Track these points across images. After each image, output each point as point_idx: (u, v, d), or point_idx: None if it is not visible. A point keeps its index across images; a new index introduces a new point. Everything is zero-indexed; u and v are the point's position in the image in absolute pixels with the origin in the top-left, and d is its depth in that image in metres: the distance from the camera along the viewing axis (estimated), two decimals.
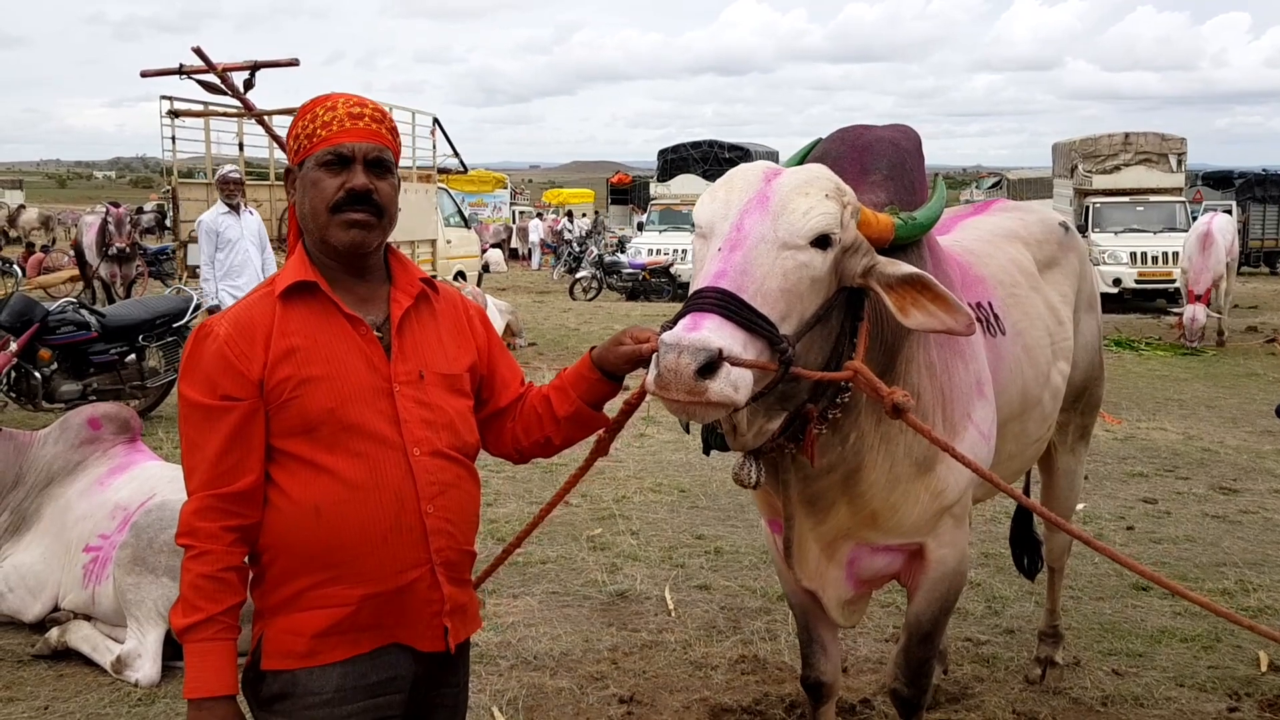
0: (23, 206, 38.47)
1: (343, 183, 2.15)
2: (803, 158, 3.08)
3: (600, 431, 2.52)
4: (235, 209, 9.14)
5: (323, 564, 2.14)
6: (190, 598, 2.09)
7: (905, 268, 2.43)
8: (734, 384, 2.11)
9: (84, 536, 4.56)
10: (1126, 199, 19.91)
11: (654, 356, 2.15)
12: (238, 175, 9.44)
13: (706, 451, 2.83)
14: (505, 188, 39.91)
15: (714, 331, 2.12)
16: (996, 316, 3.15)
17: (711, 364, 2.08)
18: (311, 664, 2.14)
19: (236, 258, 9.10)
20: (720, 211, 2.40)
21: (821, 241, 2.34)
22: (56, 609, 4.63)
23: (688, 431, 2.37)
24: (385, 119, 2.24)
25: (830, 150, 2.86)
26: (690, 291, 2.30)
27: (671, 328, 2.18)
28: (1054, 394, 3.46)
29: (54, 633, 4.48)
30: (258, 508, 2.15)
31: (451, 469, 2.24)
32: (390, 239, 2.30)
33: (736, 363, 2.13)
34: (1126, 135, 20.45)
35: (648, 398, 2.37)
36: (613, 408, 2.49)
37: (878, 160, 2.80)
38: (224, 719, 2.09)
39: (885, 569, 3.00)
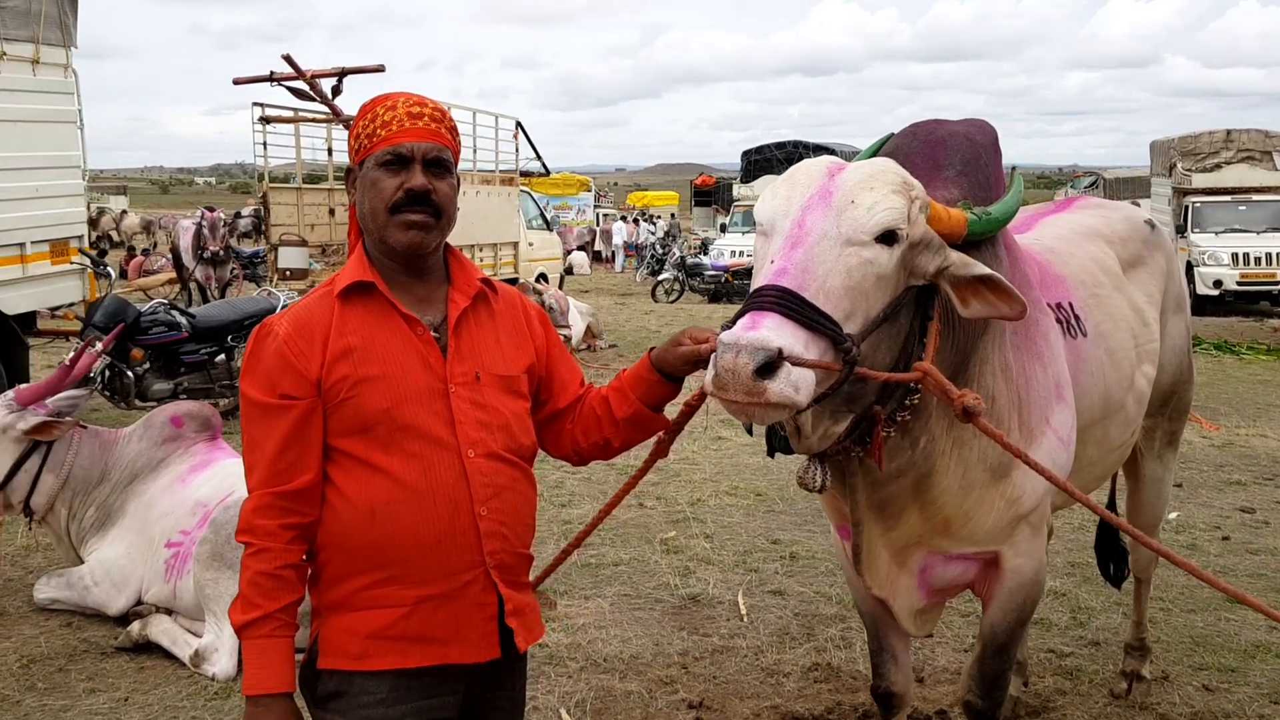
0: (125, 212, 39.81)
1: (401, 183, 2.14)
2: (873, 154, 3.00)
3: (660, 433, 2.48)
4: None
5: (377, 564, 2.13)
6: (249, 595, 2.10)
7: (979, 268, 2.33)
8: (794, 385, 2.04)
9: (166, 532, 4.66)
10: (1228, 198, 19.20)
11: (712, 357, 2.10)
12: None
13: (771, 454, 2.77)
14: (589, 191, 40.08)
15: (773, 330, 2.05)
16: (1077, 317, 3.02)
17: (770, 364, 2.01)
18: (363, 667, 2.14)
19: None
20: (781, 208, 2.33)
21: (887, 238, 2.25)
22: (139, 603, 4.74)
23: (750, 433, 2.32)
24: (445, 118, 2.23)
25: (902, 146, 2.78)
26: (750, 290, 2.24)
27: (731, 327, 2.12)
28: (1138, 398, 3.32)
29: (136, 626, 4.58)
30: (316, 505, 2.15)
31: (506, 471, 2.22)
32: (473, 240, 2.28)
33: (797, 362, 2.06)
34: (1228, 132, 19.73)
35: (709, 399, 2.33)
36: (673, 409, 2.45)
37: (951, 155, 2.70)
38: (281, 716, 2.10)
39: (959, 578, 2.90)
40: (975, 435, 2.63)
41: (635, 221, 35.93)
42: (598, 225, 37.14)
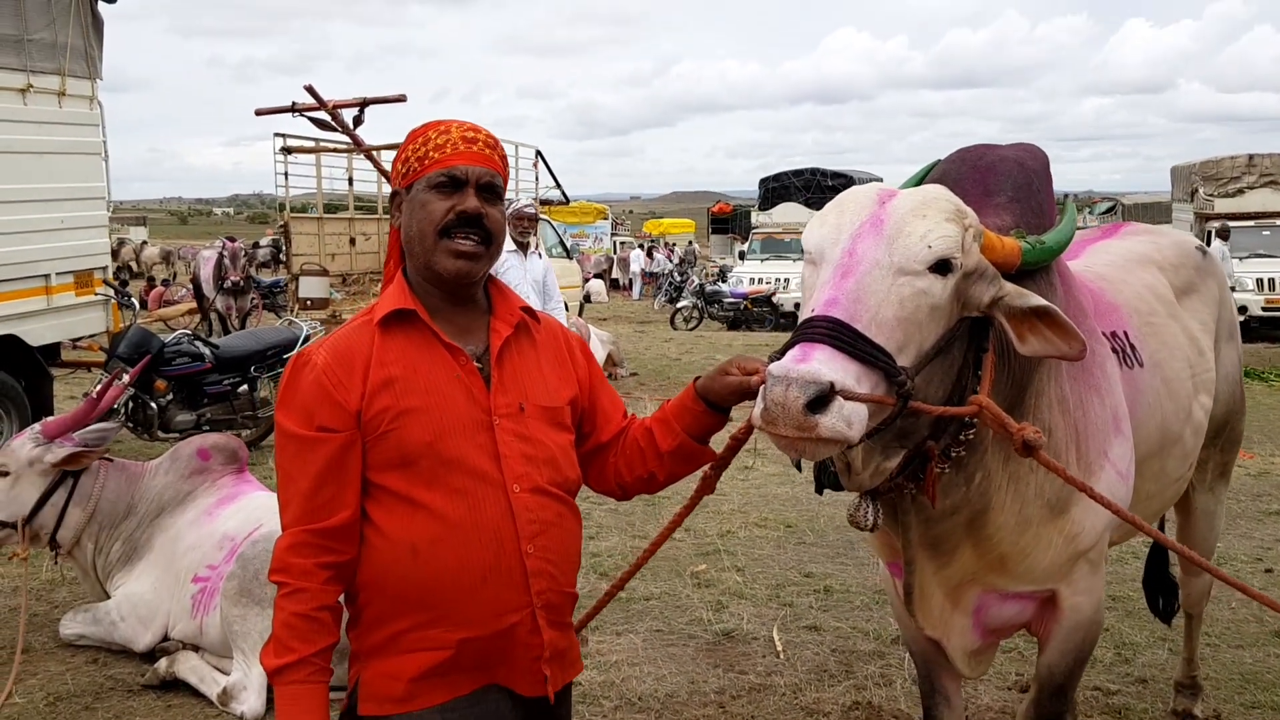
0: (145, 242, 40.07)
1: (453, 205, 2.09)
2: (920, 180, 2.93)
3: (706, 467, 2.41)
4: (524, 248, 7.92)
5: (420, 606, 2.06)
6: (283, 638, 2.03)
7: (1035, 300, 2.25)
8: (847, 419, 1.95)
9: (193, 567, 4.60)
10: (1251, 223, 19.06)
11: (761, 389, 2.02)
12: (533, 210, 8.19)
13: (819, 491, 2.68)
14: (606, 219, 40.16)
15: (825, 363, 1.97)
16: (1133, 347, 2.94)
17: (822, 398, 1.93)
18: (410, 708, 2.07)
19: None
20: (831, 236, 2.26)
21: (941, 267, 2.18)
22: (166, 639, 4.67)
23: (799, 469, 2.25)
24: (497, 147, 2.20)
25: (950, 171, 2.70)
26: (799, 321, 2.17)
27: (780, 358, 2.05)
28: (1195, 430, 3.22)
29: (163, 663, 4.51)
30: (354, 544, 2.08)
31: (553, 506, 2.15)
32: (493, 268, 2.24)
33: (850, 396, 1.97)
34: (1250, 157, 19.60)
35: (755, 432, 2.25)
36: (718, 442, 2.37)
37: (1002, 181, 2.63)
38: None
39: (1015, 618, 2.80)
40: (1032, 470, 2.55)
41: (650, 252, 35.90)
42: (615, 253, 37.17)
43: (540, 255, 8.24)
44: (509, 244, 7.78)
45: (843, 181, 26.12)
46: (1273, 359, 15.65)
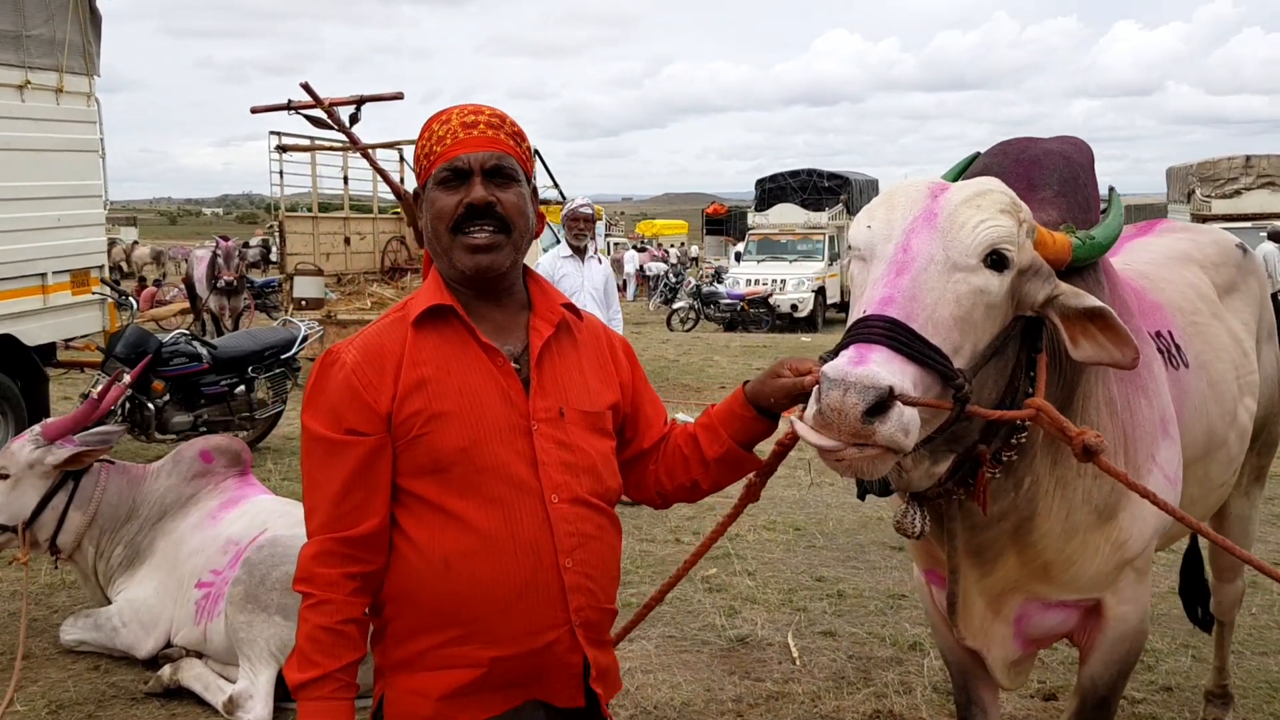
0: (136, 243, 39.85)
1: (461, 199, 1.96)
2: (958, 174, 2.84)
3: (750, 475, 2.31)
4: (580, 252, 7.46)
5: (451, 621, 1.94)
6: (307, 651, 1.92)
7: (1090, 300, 2.16)
8: (905, 427, 1.85)
9: (196, 572, 4.48)
10: (1248, 224, 19.01)
11: (815, 391, 1.90)
12: (590, 211, 7.56)
13: (861, 496, 2.59)
14: (600, 220, 40.11)
15: (883, 366, 1.87)
16: (1178, 347, 2.85)
17: (881, 403, 1.83)
18: None
19: None
20: (882, 232, 2.16)
21: (997, 263, 2.09)
22: (169, 645, 4.56)
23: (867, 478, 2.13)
24: (505, 123, 2.04)
25: (992, 165, 2.61)
26: (850, 320, 2.07)
27: (833, 359, 1.94)
28: (1240, 434, 3.13)
29: (166, 670, 4.39)
30: (382, 553, 1.97)
31: (593, 518, 2.03)
32: None
33: (909, 401, 1.87)
34: (1248, 158, 19.57)
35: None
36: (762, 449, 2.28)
37: (1047, 175, 2.54)
38: None
39: (1058, 627, 2.71)
40: (1079, 475, 2.46)
41: (640, 249, 35.76)
42: (609, 254, 37.08)
43: (600, 260, 7.60)
44: (563, 249, 7.47)
45: (839, 183, 26.04)
46: None
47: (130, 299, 9.47)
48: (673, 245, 39.22)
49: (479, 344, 2.00)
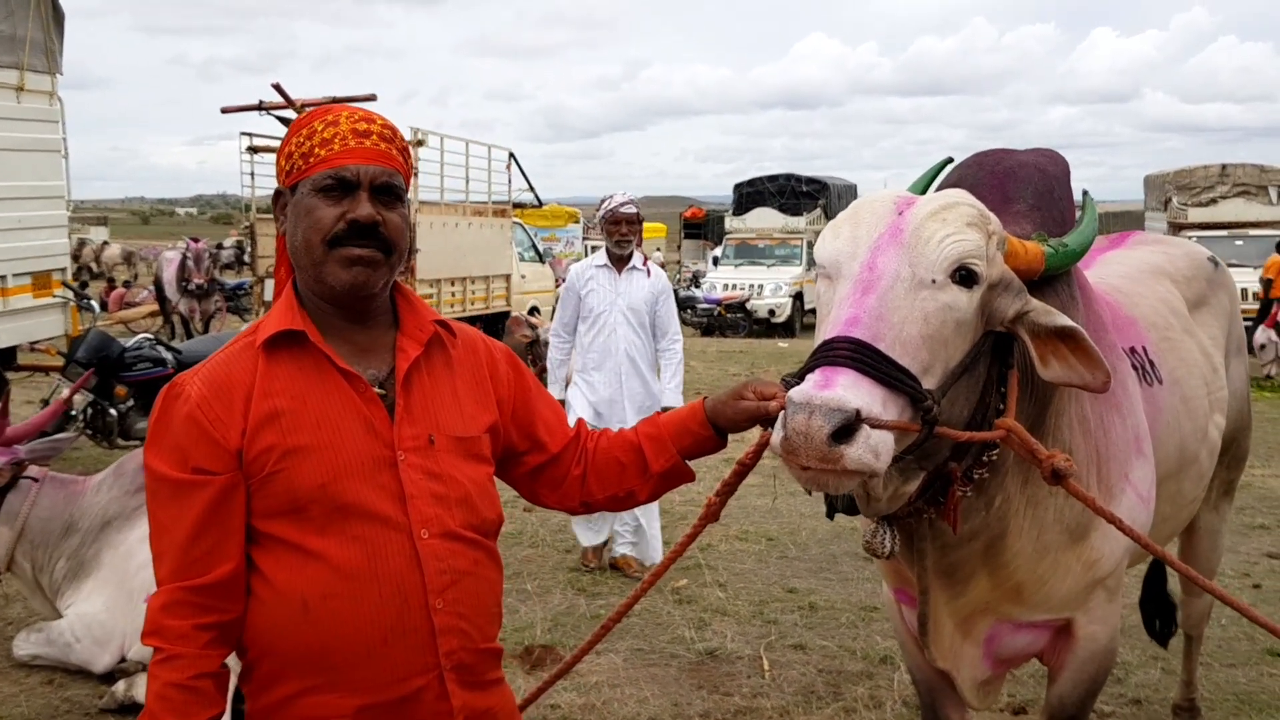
0: (106, 243, 39.41)
1: (343, 212, 1.81)
2: (928, 182, 2.79)
3: (711, 495, 2.24)
4: (621, 262, 5.91)
5: (313, 668, 1.80)
6: (156, 711, 1.75)
7: (1061, 319, 2.11)
8: (874, 450, 1.81)
9: (145, 585, 4.36)
10: (1224, 233, 19.14)
11: (780, 416, 1.85)
12: (633, 210, 5.98)
13: (830, 515, 2.52)
14: (578, 222, 40.02)
15: (849, 389, 1.83)
16: (1152, 363, 2.81)
17: (848, 427, 1.79)
18: None
19: (602, 337, 5.88)
20: (847, 249, 2.10)
21: (966, 278, 2.04)
22: (124, 660, 4.45)
23: (809, 493, 2.10)
24: (396, 137, 1.90)
25: (966, 177, 2.55)
26: (817, 341, 2.01)
27: (798, 383, 1.89)
28: (1211, 451, 3.09)
29: (121, 685, 4.29)
30: (237, 601, 1.81)
31: (466, 554, 1.88)
32: (465, 273, 1.99)
33: (877, 424, 1.83)
34: (1223, 167, 19.70)
35: (730, 439, 2.12)
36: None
37: (1022, 188, 2.49)
38: None
39: (1028, 647, 2.66)
40: (1051, 494, 2.41)
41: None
42: (587, 257, 36.95)
43: (648, 272, 6.01)
44: (598, 257, 6.04)
45: (817, 188, 26.07)
46: (1252, 369, 15.69)
47: (92, 302, 9.32)
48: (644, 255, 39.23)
49: (337, 370, 1.84)
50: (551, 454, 2.13)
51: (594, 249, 37.62)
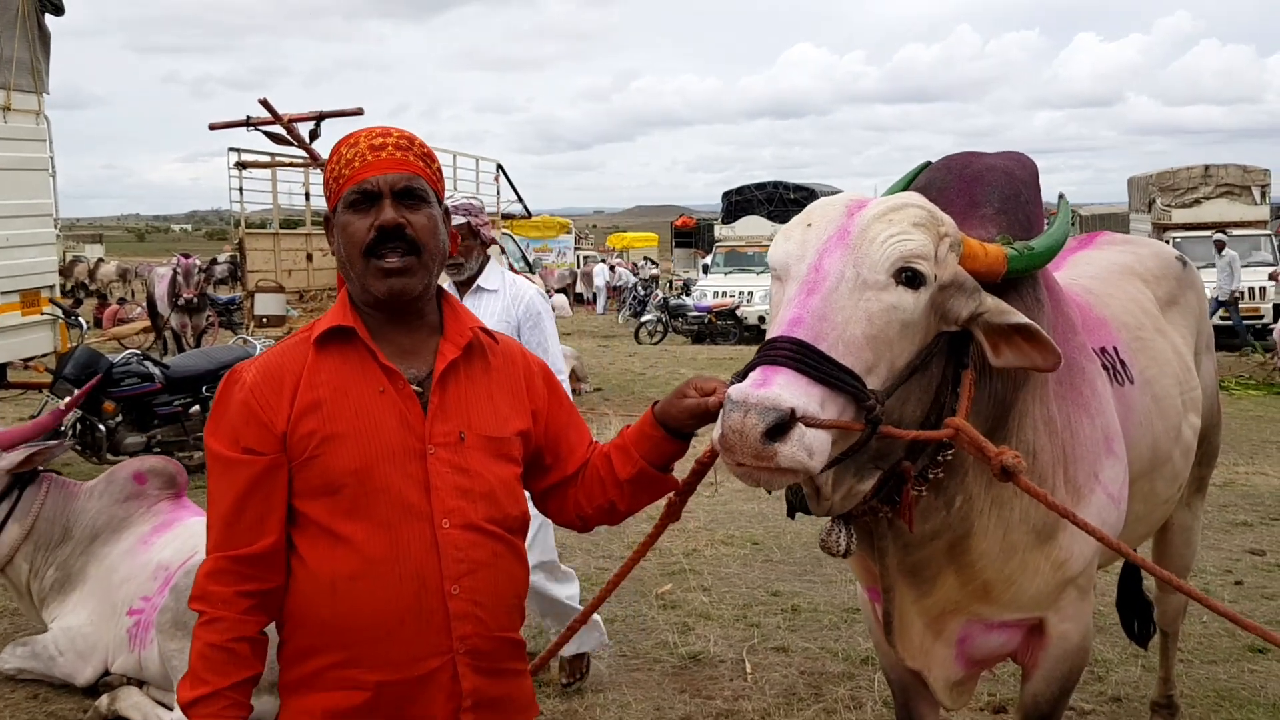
0: (101, 260, 39.38)
1: (371, 221, 1.95)
2: (904, 186, 2.81)
3: (670, 495, 2.27)
4: (464, 285, 4.36)
5: (337, 644, 1.94)
6: (198, 669, 1.91)
7: (1016, 317, 2.13)
8: (808, 448, 1.83)
9: (128, 599, 4.39)
10: (1207, 233, 19.22)
11: (720, 412, 1.89)
12: (463, 220, 4.24)
13: (791, 514, 2.54)
14: (569, 233, 40.03)
15: (785, 388, 1.86)
16: (1123, 363, 2.82)
17: (782, 425, 1.81)
18: None
19: None
20: (796, 251, 2.12)
21: (911, 279, 2.04)
22: (107, 673, 4.47)
23: (769, 491, 2.12)
24: (413, 145, 2.03)
25: (935, 181, 2.56)
26: (764, 341, 2.04)
27: (740, 381, 1.92)
28: (1185, 451, 3.11)
29: (104, 700, 4.30)
30: (278, 572, 1.96)
31: (486, 545, 1.99)
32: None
33: (813, 423, 1.85)
34: (1206, 168, 19.79)
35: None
36: (682, 467, 2.23)
37: (989, 192, 2.48)
38: None
39: (1001, 648, 2.67)
40: (1017, 494, 2.42)
41: (611, 268, 35.66)
42: (578, 267, 37.00)
43: (505, 291, 4.38)
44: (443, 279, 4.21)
45: (805, 195, 26.12)
46: (1232, 367, 15.76)
47: (80, 319, 9.34)
48: (634, 261, 39.25)
49: (380, 366, 1.99)
50: (567, 474, 2.21)
51: (586, 259, 37.35)
